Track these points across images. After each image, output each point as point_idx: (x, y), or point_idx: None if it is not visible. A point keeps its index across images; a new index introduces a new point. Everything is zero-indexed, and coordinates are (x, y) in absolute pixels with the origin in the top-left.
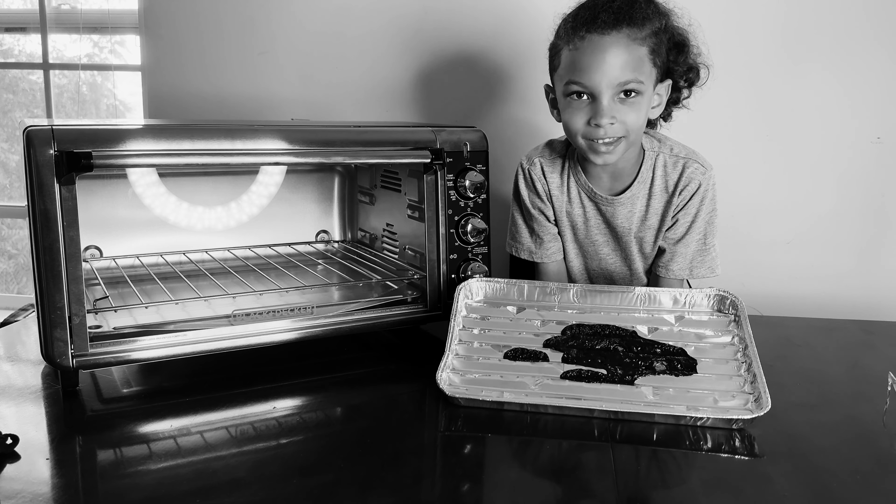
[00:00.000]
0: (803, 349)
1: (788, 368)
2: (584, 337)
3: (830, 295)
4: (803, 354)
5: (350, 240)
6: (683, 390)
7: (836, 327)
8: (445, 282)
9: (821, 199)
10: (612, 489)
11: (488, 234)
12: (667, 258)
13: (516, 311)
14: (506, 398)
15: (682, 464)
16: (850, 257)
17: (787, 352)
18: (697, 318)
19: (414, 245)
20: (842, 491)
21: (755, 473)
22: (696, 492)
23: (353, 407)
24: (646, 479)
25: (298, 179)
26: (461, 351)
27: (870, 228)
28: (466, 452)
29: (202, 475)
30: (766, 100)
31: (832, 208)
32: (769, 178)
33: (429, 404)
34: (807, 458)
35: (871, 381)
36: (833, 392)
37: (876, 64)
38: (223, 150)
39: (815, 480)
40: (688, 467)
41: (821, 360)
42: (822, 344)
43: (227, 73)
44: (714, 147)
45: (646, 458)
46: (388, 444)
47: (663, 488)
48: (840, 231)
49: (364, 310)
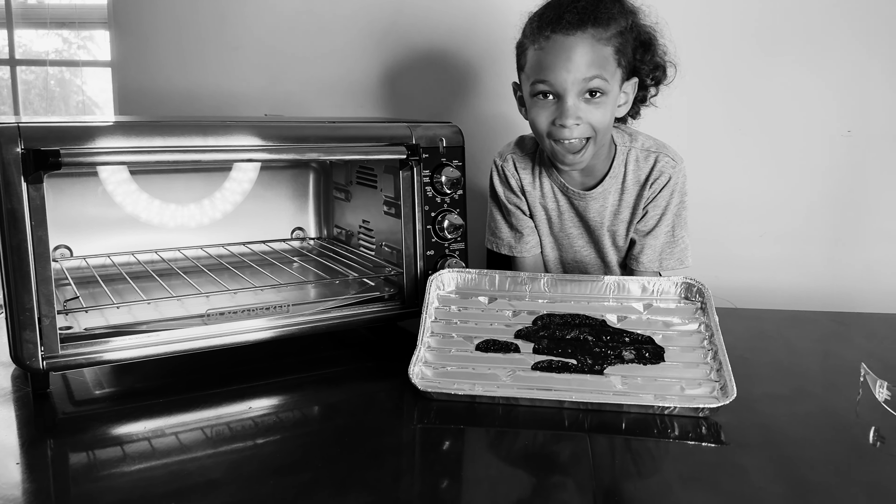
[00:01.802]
0: (777, 341)
1: (762, 360)
2: (554, 327)
3: (803, 287)
4: (777, 346)
5: (326, 237)
6: (651, 379)
7: (809, 319)
8: (422, 278)
9: (793, 192)
10: (588, 480)
11: (465, 229)
12: (637, 250)
13: (488, 302)
14: (477, 391)
15: (655, 454)
16: (822, 250)
17: (761, 343)
18: (665, 305)
19: (390, 241)
20: (817, 481)
21: (731, 464)
22: (672, 483)
23: (331, 405)
24: (622, 471)
25: (273, 176)
26: (433, 343)
27: (841, 221)
28: (444, 448)
29: (177, 477)
30: (738, 93)
31: (804, 201)
32: (741, 172)
33: (407, 401)
34: (781, 448)
35: (843, 371)
36: (806, 383)
37: (847, 57)
38: (195, 146)
39: (790, 471)
40: (662, 458)
41: (794, 351)
42: (795, 335)
43: (199, 68)
44: (686, 141)
45: (620, 449)
46: (367, 442)
47: (639, 479)
48: (812, 224)
49: (340, 307)
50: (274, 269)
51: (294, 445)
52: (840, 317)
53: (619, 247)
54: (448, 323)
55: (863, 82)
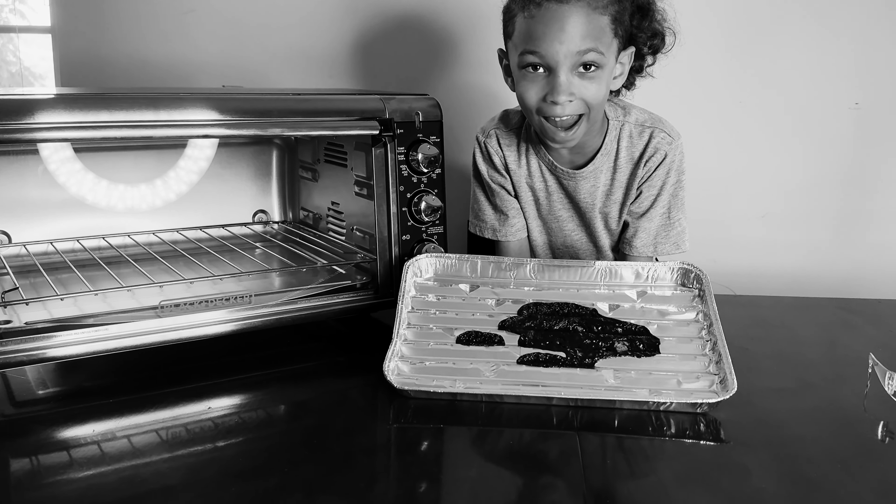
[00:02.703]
0: (778, 330)
1: (763, 351)
2: (541, 317)
3: (807, 271)
4: (778, 335)
5: (291, 220)
6: (646, 372)
7: (813, 306)
8: (398, 265)
9: (796, 169)
10: (578, 482)
11: (444, 212)
12: (630, 234)
13: (469, 290)
14: (459, 388)
15: (649, 453)
16: (827, 231)
17: (762, 333)
18: (660, 293)
19: (362, 225)
20: (823, 480)
21: (730, 463)
22: (667, 484)
23: (298, 404)
24: (614, 471)
25: (232, 154)
26: (410, 336)
27: (848, 200)
28: (422, 449)
29: (130, 484)
30: (738, 65)
31: (808, 179)
32: (741, 149)
33: (381, 398)
34: (785, 446)
35: (850, 362)
36: (811, 375)
37: (855, 25)
38: (146, 121)
39: (793, 469)
40: (657, 457)
41: (797, 341)
42: (798, 324)
43: (149, 35)
44: (682, 116)
45: (612, 448)
46: (338, 444)
47: (633, 480)
48: (817, 203)
49: (308, 297)
50: (234, 256)
51: (258, 448)
52: (847, 303)
53: (611, 230)
54: (426, 313)
55: (871, 51)
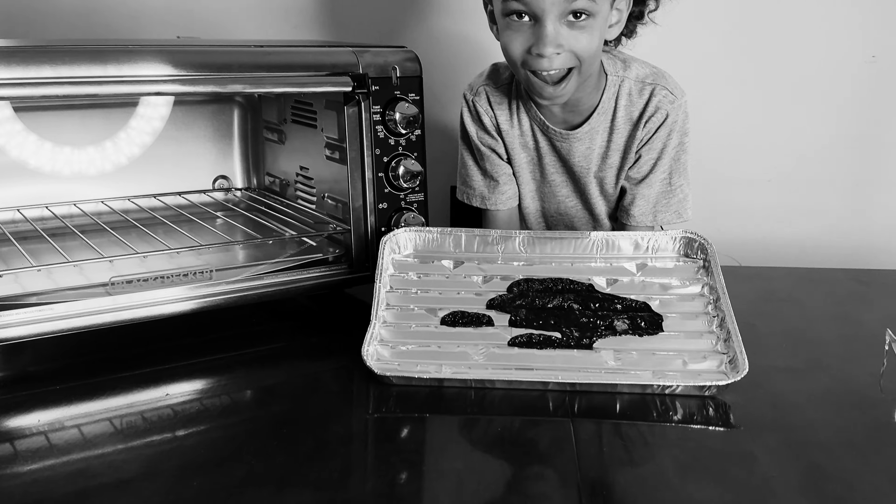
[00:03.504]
0: (788, 304)
1: (771, 327)
2: (533, 294)
3: (819, 240)
4: (788, 310)
5: (255, 187)
6: (648, 352)
7: (825, 278)
8: (374, 236)
9: (807, 129)
10: (572, 472)
11: (424, 177)
12: (628, 201)
13: (453, 266)
14: (445, 374)
15: (649, 440)
16: (841, 196)
17: (770, 307)
18: (662, 265)
19: (335, 192)
20: (835, 468)
21: (735, 449)
22: (668, 472)
23: (266, 389)
24: (610, 459)
25: (189, 113)
26: (390, 318)
27: (864, 162)
28: (403, 437)
29: (81, 477)
30: (747, 14)
31: (820, 140)
32: (747, 107)
33: (357, 383)
34: (794, 430)
35: (865, 339)
36: (823, 353)
37: None
38: (92, 77)
39: (804, 456)
40: (657, 444)
41: (808, 316)
42: (809, 297)
43: None
44: (686, 69)
45: (609, 435)
46: (310, 433)
47: (631, 469)
48: (830, 166)
49: (275, 272)
50: (193, 226)
51: (222, 438)
52: (862, 275)
53: (608, 196)
54: (406, 293)
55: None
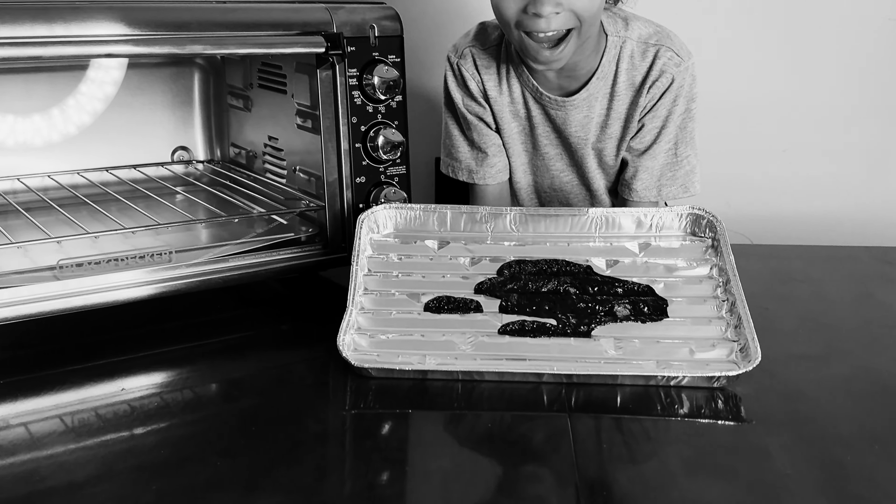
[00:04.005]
0: (804, 285)
1: (786, 311)
2: (526, 277)
3: (838, 216)
4: (805, 292)
5: (219, 159)
6: (652, 340)
7: (845, 256)
8: (350, 214)
9: (824, 95)
10: (569, 472)
11: (406, 149)
12: (630, 174)
13: (438, 247)
14: (429, 365)
15: (653, 435)
16: (861, 167)
17: (785, 289)
18: (667, 244)
19: (307, 165)
20: (856, 465)
21: (747, 446)
22: (674, 471)
23: (232, 383)
24: (611, 457)
25: (144, 77)
26: (368, 304)
27: (885, 131)
28: (384, 435)
29: (28, 481)
30: None
31: (838, 107)
32: (760, 70)
33: (333, 376)
34: (811, 424)
35: (889, 323)
36: (843, 339)
37: None
38: (37, 37)
39: (823, 453)
40: (663, 440)
41: (827, 298)
42: (828, 278)
43: None
44: (690, 30)
45: (609, 430)
46: (281, 431)
47: (633, 467)
48: (850, 135)
49: (242, 254)
50: (149, 203)
51: (184, 437)
52: (885, 253)
53: (607, 169)
54: (386, 277)
55: None
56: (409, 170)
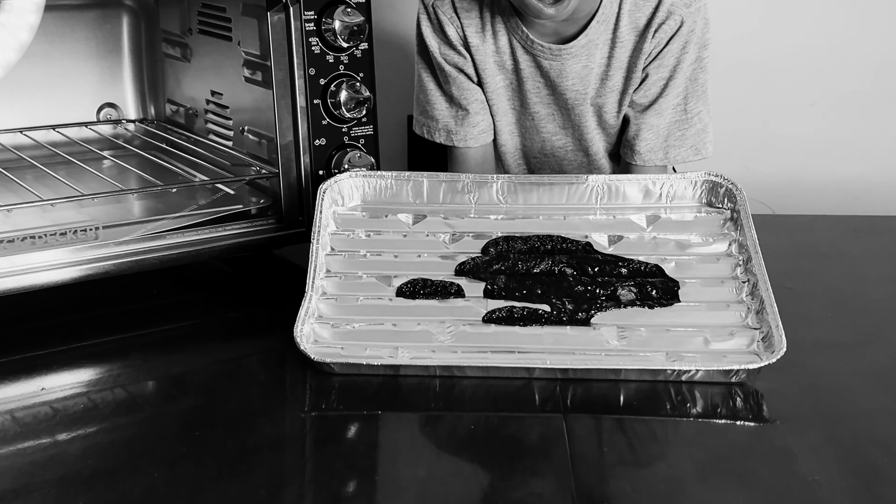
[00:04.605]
0: (835, 262)
1: (813, 291)
2: (515, 256)
3: (873, 182)
4: (834, 269)
5: (153, 119)
6: (661, 329)
7: (880, 228)
8: (309, 183)
9: (858, 41)
10: (565, 478)
11: (374, 105)
12: (632, 134)
13: (413, 222)
14: (402, 360)
15: (661, 437)
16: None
17: (811, 266)
18: (679, 217)
19: (257, 125)
20: (894, 469)
21: (770, 448)
22: (686, 478)
23: (172, 380)
24: (613, 462)
25: (65, 22)
26: (331, 288)
27: None
28: (350, 439)
29: None
30: None
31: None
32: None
33: (291, 372)
34: (842, 423)
35: None
36: (879, 324)
37: None
38: None
39: (856, 456)
40: (672, 442)
41: (860, 277)
42: (861, 253)
43: None
44: None
45: (611, 432)
46: (230, 436)
47: (638, 472)
48: (884, 87)
49: (182, 229)
50: (72, 171)
51: (117, 443)
52: None
53: (607, 128)
54: (352, 257)
55: None
56: (377, 130)
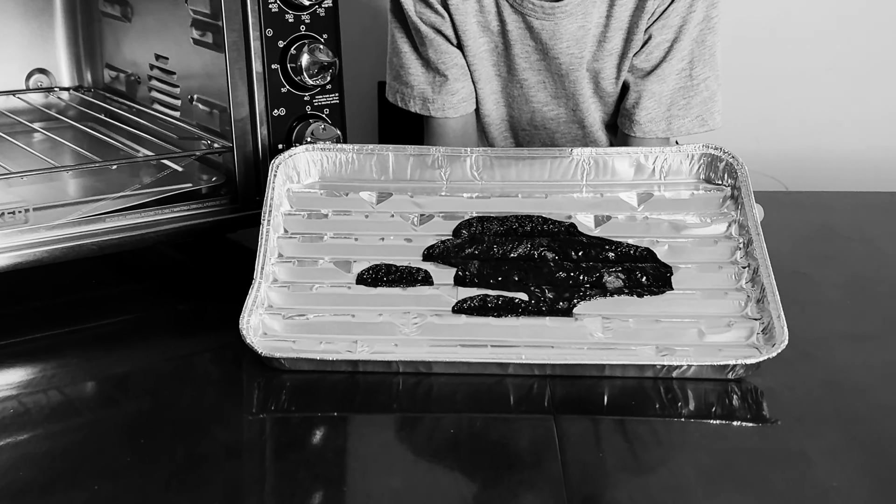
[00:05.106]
0: (852, 244)
1: (829, 277)
2: (490, 239)
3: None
4: (853, 252)
5: (90, 86)
6: (651, 320)
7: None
8: (266, 157)
9: None
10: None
11: (339, 70)
12: (631, 102)
13: (376, 200)
14: (362, 355)
15: (660, 441)
16: None
17: (827, 248)
18: (674, 194)
19: (208, 94)
20: None
21: (782, 452)
22: (691, 486)
23: (114, 381)
24: (608, 469)
25: None
26: (284, 275)
27: None
28: (315, 445)
29: None
30: None
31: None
32: None
33: (248, 371)
34: (862, 422)
35: None
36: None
37: None
38: None
39: (876, 459)
40: (673, 446)
41: (882, 259)
42: (884, 233)
43: None
44: None
45: (607, 435)
46: (178, 443)
47: (637, 479)
48: None
49: (124, 211)
50: None
51: (51, 453)
52: None
53: (605, 96)
54: (307, 239)
55: None
56: (343, 99)
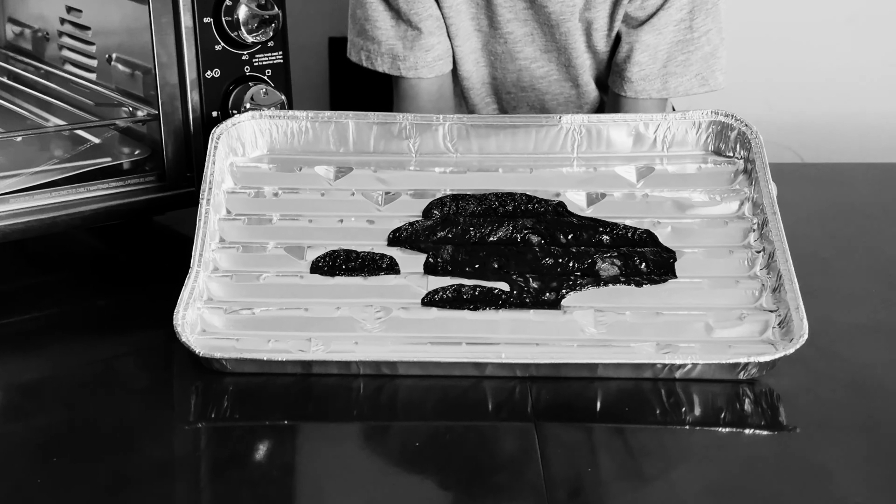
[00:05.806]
0: (876, 223)
1: (849, 262)
2: (466, 220)
3: None
4: (878, 233)
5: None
6: (650, 313)
7: None
8: (200, 126)
9: None
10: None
11: (283, 25)
12: (622, 56)
13: (334, 176)
14: (316, 354)
15: (658, 450)
16: None
17: (848, 229)
18: (678, 168)
19: (129, 53)
20: None
21: (798, 464)
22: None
23: (23, 390)
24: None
25: None
26: (226, 262)
27: None
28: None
29: None
30: None
31: None
32: None
33: (180, 373)
34: (891, 432)
35: None
36: None
37: None
38: None
39: None
40: (672, 457)
41: None
42: None
43: None
44: None
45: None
46: (100, 462)
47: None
48: None
49: (32, 190)
50: None
51: None
52: None
53: (597, 50)
54: (254, 221)
55: None
56: (287, 59)
